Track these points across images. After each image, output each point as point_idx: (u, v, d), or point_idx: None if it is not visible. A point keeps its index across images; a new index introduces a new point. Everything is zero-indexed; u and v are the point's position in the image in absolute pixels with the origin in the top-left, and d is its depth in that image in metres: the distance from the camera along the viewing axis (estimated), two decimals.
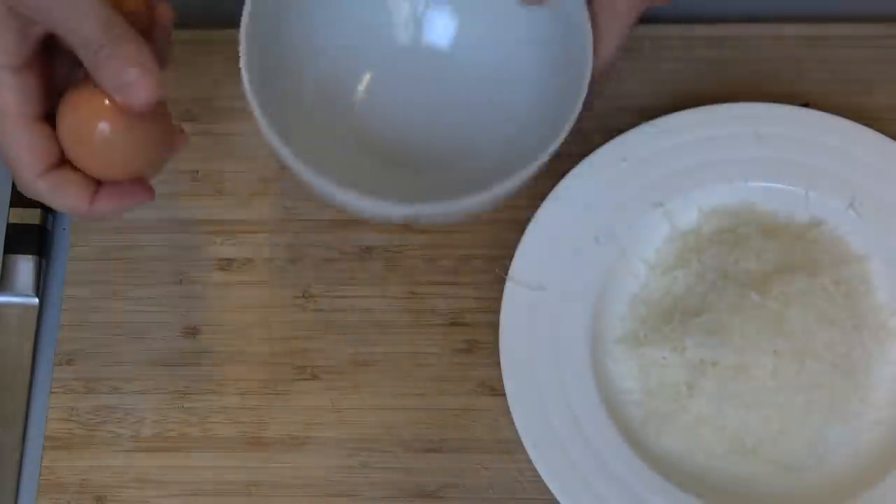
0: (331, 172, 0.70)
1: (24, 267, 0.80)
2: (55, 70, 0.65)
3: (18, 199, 0.81)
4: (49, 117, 0.64)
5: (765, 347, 0.73)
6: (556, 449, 0.73)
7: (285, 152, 0.69)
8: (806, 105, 0.81)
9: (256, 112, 0.70)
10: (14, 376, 0.79)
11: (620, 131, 0.78)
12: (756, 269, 0.75)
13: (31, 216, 0.81)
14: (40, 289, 0.81)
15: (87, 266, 0.80)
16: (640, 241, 0.78)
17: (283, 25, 0.75)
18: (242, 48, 0.70)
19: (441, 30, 0.80)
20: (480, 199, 0.70)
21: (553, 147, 0.70)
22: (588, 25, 0.72)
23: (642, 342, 0.75)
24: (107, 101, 0.62)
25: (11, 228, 0.81)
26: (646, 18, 0.73)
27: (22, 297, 0.80)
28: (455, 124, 0.80)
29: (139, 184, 0.66)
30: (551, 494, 0.73)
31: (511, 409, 0.73)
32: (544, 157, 0.70)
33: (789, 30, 0.84)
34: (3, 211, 0.82)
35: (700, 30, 0.84)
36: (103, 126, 0.63)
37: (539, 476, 0.73)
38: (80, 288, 0.80)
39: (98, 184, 0.65)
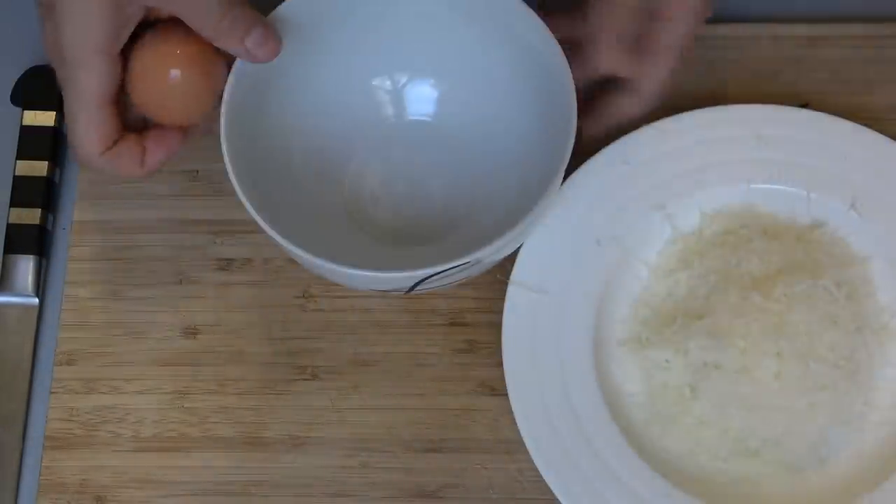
0: (328, 249, 0.70)
1: (24, 267, 0.80)
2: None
3: (18, 199, 0.81)
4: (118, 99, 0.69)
5: (767, 349, 0.73)
6: (557, 450, 0.73)
7: (290, 246, 0.69)
8: (806, 105, 0.81)
9: (246, 202, 0.70)
10: (14, 376, 0.79)
11: (620, 133, 0.78)
12: (758, 271, 0.75)
13: (31, 216, 0.81)
14: (40, 289, 0.81)
15: (87, 266, 0.80)
16: (642, 243, 0.78)
17: (264, 110, 0.75)
18: (223, 135, 0.70)
19: (424, 100, 0.80)
20: (475, 256, 0.69)
21: (542, 205, 0.70)
22: (567, 74, 0.71)
23: (645, 345, 0.76)
24: (180, 50, 0.68)
25: (11, 228, 0.81)
26: None
27: (22, 297, 0.80)
28: (447, 191, 0.80)
29: (177, 130, 0.71)
30: (552, 495, 0.73)
31: (513, 411, 0.73)
32: (535, 214, 0.70)
33: (788, 30, 0.84)
34: (2, 211, 0.82)
35: (699, 30, 0.84)
36: (175, 73, 0.69)
37: (540, 476, 0.73)
38: (80, 288, 0.80)
39: (144, 148, 0.70)
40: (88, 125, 0.68)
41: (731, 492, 0.73)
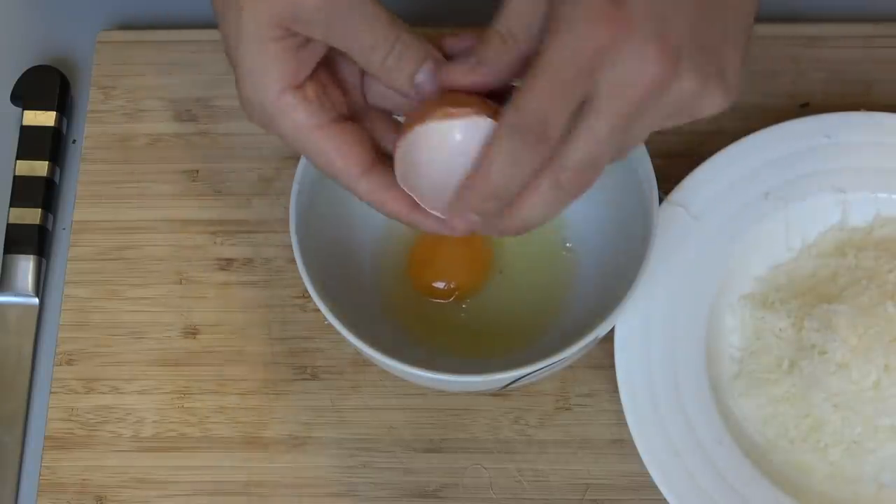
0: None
1: (24, 267, 0.80)
2: (340, 74, 0.65)
3: (18, 199, 0.82)
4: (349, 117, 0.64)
5: (876, 357, 0.71)
6: (639, 370, 0.73)
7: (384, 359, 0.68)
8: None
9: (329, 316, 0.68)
10: (14, 376, 0.79)
11: None
12: None
13: (31, 216, 0.81)
14: (40, 289, 0.81)
15: (87, 266, 0.80)
16: (808, 218, 0.76)
17: (327, 210, 0.74)
18: (295, 246, 0.70)
19: None
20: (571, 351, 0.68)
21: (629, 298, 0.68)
22: (649, 167, 0.69)
23: (768, 307, 0.75)
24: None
25: (11, 228, 0.81)
26: None
27: (22, 297, 0.80)
28: (511, 277, 0.78)
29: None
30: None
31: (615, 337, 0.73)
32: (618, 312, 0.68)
33: (788, 30, 0.84)
34: (2, 211, 0.82)
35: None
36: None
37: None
38: (80, 288, 0.80)
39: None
40: (327, 154, 0.62)
41: (780, 469, 0.72)
